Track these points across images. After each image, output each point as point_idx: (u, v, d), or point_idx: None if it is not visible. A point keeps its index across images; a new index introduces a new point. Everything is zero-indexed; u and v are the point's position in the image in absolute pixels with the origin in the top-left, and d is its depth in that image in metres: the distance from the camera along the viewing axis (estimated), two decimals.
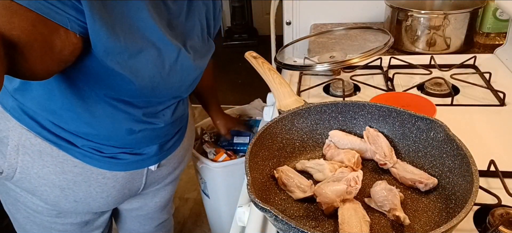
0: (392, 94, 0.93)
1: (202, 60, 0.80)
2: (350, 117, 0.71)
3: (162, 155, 0.88)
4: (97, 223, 0.92)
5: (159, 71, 0.69)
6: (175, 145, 0.92)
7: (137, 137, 0.79)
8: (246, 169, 0.56)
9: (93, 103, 0.70)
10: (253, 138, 0.62)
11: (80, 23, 0.56)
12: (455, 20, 1.15)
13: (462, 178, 0.55)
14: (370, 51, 0.94)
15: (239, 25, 4.08)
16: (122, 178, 0.83)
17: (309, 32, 1.55)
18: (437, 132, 0.62)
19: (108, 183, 0.82)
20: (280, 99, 0.72)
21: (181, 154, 0.96)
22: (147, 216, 1.06)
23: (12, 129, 0.74)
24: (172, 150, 0.91)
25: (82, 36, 0.57)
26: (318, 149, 0.72)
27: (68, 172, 0.77)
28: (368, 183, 0.63)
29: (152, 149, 0.84)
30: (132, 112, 0.75)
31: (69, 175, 0.77)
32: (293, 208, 0.60)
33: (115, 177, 0.82)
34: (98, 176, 0.80)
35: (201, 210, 1.90)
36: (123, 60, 0.63)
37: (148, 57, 0.66)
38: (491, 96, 0.94)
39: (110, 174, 0.81)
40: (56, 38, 0.54)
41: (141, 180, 0.89)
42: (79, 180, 0.78)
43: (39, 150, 0.74)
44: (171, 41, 0.69)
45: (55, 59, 0.56)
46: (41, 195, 0.79)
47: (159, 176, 0.94)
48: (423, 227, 0.55)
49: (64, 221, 0.85)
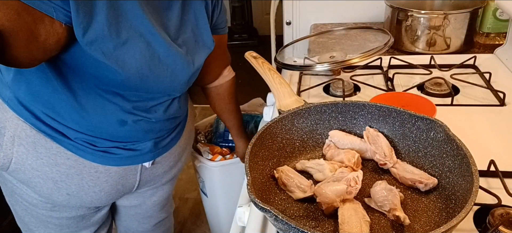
0: (392, 94, 0.93)
1: (197, 56, 0.79)
2: (350, 117, 0.71)
3: (156, 152, 0.87)
4: (93, 219, 0.92)
5: (147, 63, 0.68)
6: (171, 143, 0.91)
7: (130, 129, 0.78)
8: (246, 169, 0.56)
9: (84, 94, 0.71)
10: (253, 138, 0.62)
11: (65, 13, 0.56)
12: (455, 20, 1.15)
13: (462, 178, 0.55)
14: (370, 51, 0.94)
15: (239, 25, 4.08)
16: (115, 173, 0.83)
17: (309, 32, 1.55)
18: (437, 132, 0.62)
19: (100, 177, 0.81)
20: (280, 99, 0.72)
21: (177, 152, 0.95)
22: (146, 214, 1.06)
23: (9, 120, 0.74)
24: (167, 148, 0.90)
25: (67, 25, 0.57)
26: (318, 149, 0.72)
27: (61, 164, 0.77)
28: (368, 183, 0.63)
29: (147, 145, 0.84)
30: (122, 105, 0.74)
31: (62, 168, 0.77)
32: (293, 208, 0.60)
33: (108, 171, 0.82)
34: (90, 170, 0.80)
35: (201, 210, 1.90)
36: (108, 50, 0.63)
37: (135, 48, 0.66)
38: (491, 96, 0.94)
39: (102, 168, 0.81)
40: (41, 27, 0.54)
41: (135, 177, 0.88)
42: (71, 172, 0.78)
43: (34, 142, 0.75)
44: (161, 33, 0.68)
45: (40, 47, 0.56)
46: (35, 187, 0.79)
47: (154, 174, 0.93)
48: (423, 227, 0.55)
49: (59, 215, 0.86)
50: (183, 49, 0.74)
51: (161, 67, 0.71)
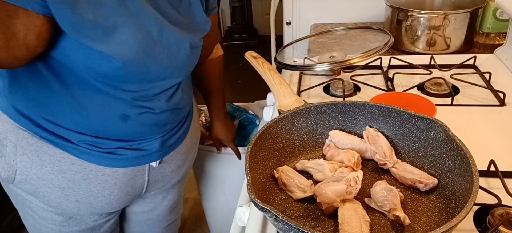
0: (392, 94, 0.93)
1: (194, 35, 0.75)
2: (350, 117, 0.71)
3: (163, 152, 0.85)
4: (103, 228, 0.90)
5: (142, 46, 0.65)
6: (177, 141, 0.89)
7: (133, 124, 0.75)
8: (246, 169, 0.56)
9: (81, 91, 0.68)
10: (253, 138, 0.62)
11: (41, 2, 0.53)
12: (455, 20, 1.15)
13: (462, 178, 0.55)
14: (370, 51, 0.94)
15: (239, 25, 4.08)
16: (123, 175, 0.81)
17: (309, 32, 1.55)
18: (437, 132, 0.62)
19: (108, 181, 0.79)
20: (280, 99, 0.72)
21: (183, 151, 0.93)
22: (157, 219, 1.04)
23: (9, 131, 0.73)
24: (174, 146, 0.88)
25: (46, 16, 0.55)
26: (318, 149, 0.72)
27: (66, 170, 0.75)
28: (368, 183, 0.63)
29: (153, 145, 0.81)
30: (123, 97, 0.71)
31: (68, 174, 0.76)
32: (293, 208, 0.60)
33: (115, 174, 0.80)
34: (97, 173, 0.78)
35: (201, 210, 1.90)
36: (97, 36, 0.60)
37: (127, 32, 0.63)
38: (491, 96, 0.94)
39: (109, 171, 0.79)
40: (17, 22, 0.52)
41: (143, 177, 0.86)
42: (78, 178, 0.77)
43: (36, 150, 0.74)
44: (151, 13, 0.65)
45: (21, 45, 0.54)
46: (43, 197, 0.78)
47: (162, 174, 0.90)
48: (423, 227, 0.55)
49: (69, 229, 0.84)
50: (177, 28, 0.71)
51: (157, 48, 0.68)
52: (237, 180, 1.31)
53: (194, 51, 0.77)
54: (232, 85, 3.25)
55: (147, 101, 0.75)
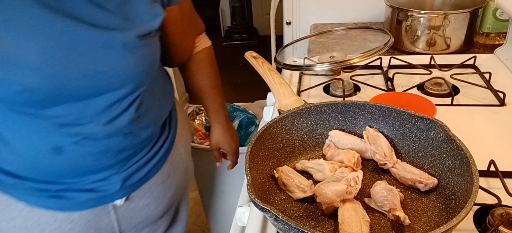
0: (392, 94, 0.93)
1: (129, 33, 0.60)
2: (350, 117, 0.71)
3: (126, 191, 0.71)
4: None
5: (47, 59, 0.53)
6: (149, 174, 0.74)
7: (71, 157, 0.62)
8: (246, 169, 0.56)
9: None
10: (253, 138, 0.62)
11: None
12: (455, 20, 1.15)
13: (462, 178, 0.55)
14: (370, 51, 0.94)
15: (239, 25, 4.08)
16: (79, 218, 0.69)
17: (309, 32, 1.55)
18: (437, 132, 0.62)
19: (62, 226, 0.68)
20: (280, 99, 0.72)
21: (161, 181, 0.77)
22: None
23: None
24: (145, 180, 0.74)
25: None
26: (318, 149, 0.72)
27: (16, 217, 0.66)
28: (368, 183, 0.63)
29: (111, 186, 0.68)
30: (46, 125, 0.59)
31: (18, 221, 0.66)
32: (293, 208, 0.60)
33: (69, 218, 0.68)
34: (49, 219, 0.67)
35: (201, 210, 1.90)
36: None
37: (29, 46, 0.51)
38: (491, 96, 0.94)
39: (62, 215, 0.68)
40: None
41: (108, 217, 0.72)
42: (29, 225, 0.67)
43: None
44: (53, 14, 0.52)
45: None
46: None
47: (136, 209, 0.75)
48: (423, 227, 0.54)
49: None
50: (102, 31, 0.57)
51: (73, 58, 0.55)
52: (237, 180, 1.31)
53: (136, 53, 0.61)
54: (232, 85, 3.25)
55: (79, 126, 0.61)
